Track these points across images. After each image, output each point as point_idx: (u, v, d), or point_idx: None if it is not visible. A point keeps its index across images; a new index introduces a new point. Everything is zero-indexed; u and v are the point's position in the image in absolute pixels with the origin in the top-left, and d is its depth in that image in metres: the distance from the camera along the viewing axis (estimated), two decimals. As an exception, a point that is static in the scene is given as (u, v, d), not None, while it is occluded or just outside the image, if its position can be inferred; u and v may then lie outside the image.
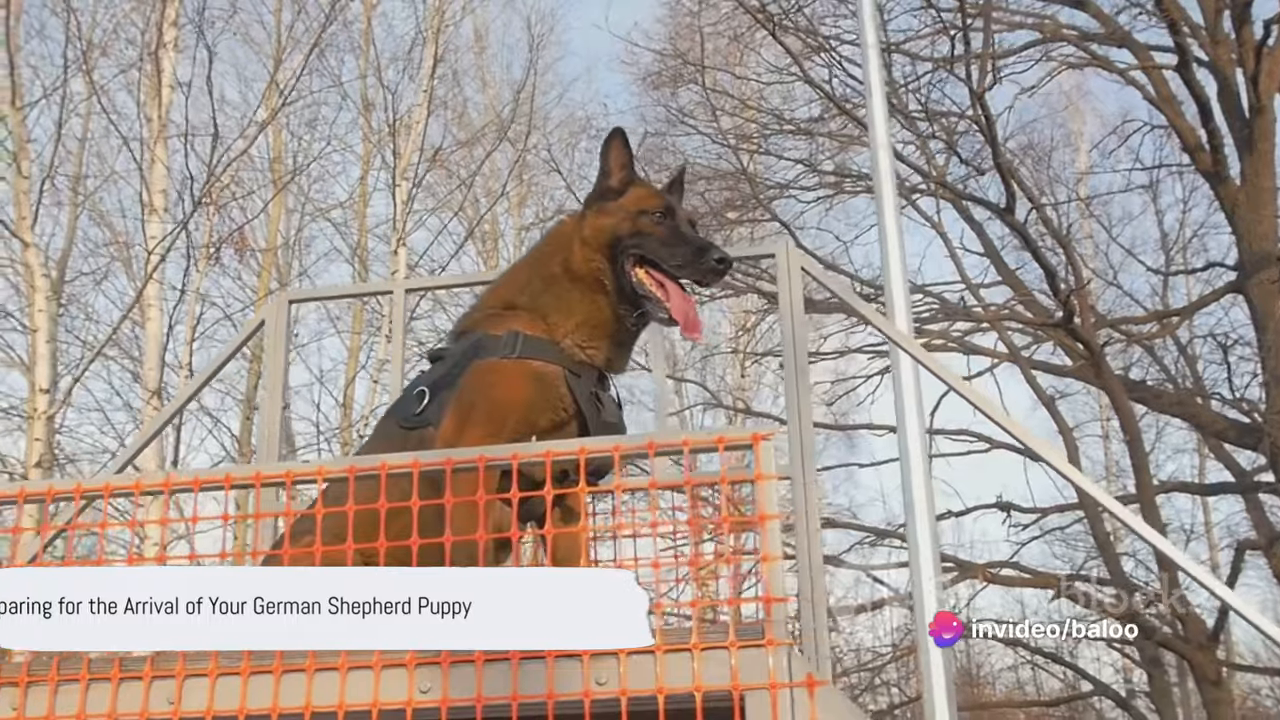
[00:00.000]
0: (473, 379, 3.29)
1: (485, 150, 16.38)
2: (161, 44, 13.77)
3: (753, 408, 21.87)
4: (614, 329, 3.39)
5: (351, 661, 2.68)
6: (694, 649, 2.58)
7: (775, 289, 7.16)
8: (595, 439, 2.82)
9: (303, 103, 16.17)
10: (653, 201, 3.45)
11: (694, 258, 3.34)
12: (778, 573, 2.61)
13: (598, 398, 3.32)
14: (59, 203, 16.82)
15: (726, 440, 2.73)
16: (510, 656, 2.61)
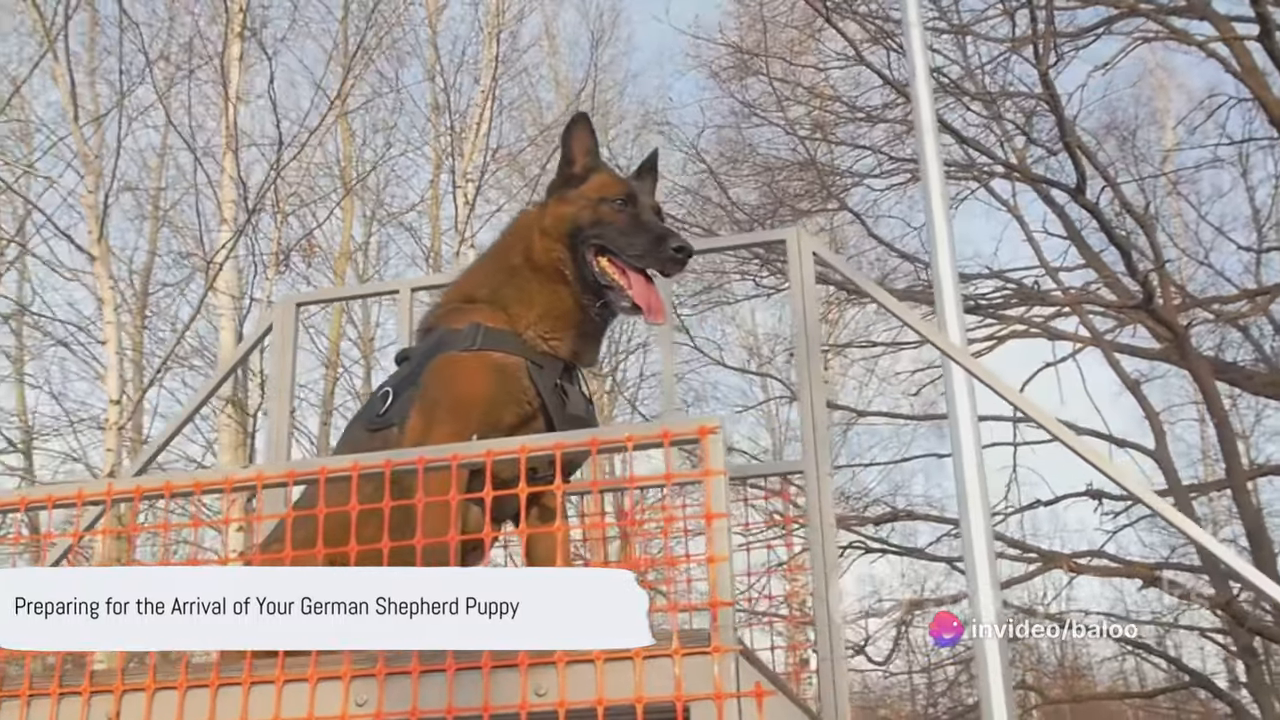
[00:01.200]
0: (433, 374, 3.19)
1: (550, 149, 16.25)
2: (228, 56, 13.92)
3: (837, 400, 21.61)
4: (577, 320, 3.25)
5: (288, 675, 2.57)
6: (635, 657, 2.42)
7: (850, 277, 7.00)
8: (536, 437, 2.67)
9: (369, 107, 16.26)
10: (614, 188, 3.32)
11: (653, 246, 3.20)
12: (725, 575, 2.44)
13: (563, 390, 3.19)
14: (142, 216, 17.18)
15: (672, 434, 2.57)
16: (447, 667, 2.48)
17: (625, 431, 2.61)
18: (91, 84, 12.95)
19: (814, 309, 4.46)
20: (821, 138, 15.81)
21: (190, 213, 16.28)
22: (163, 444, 4.86)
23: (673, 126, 18.29)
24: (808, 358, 4.41)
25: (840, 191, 15.97)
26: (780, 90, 15.71)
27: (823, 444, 4.31)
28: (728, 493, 2.52)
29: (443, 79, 16.01)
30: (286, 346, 4.81)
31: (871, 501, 16.51)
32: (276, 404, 4.73)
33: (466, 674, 2.48)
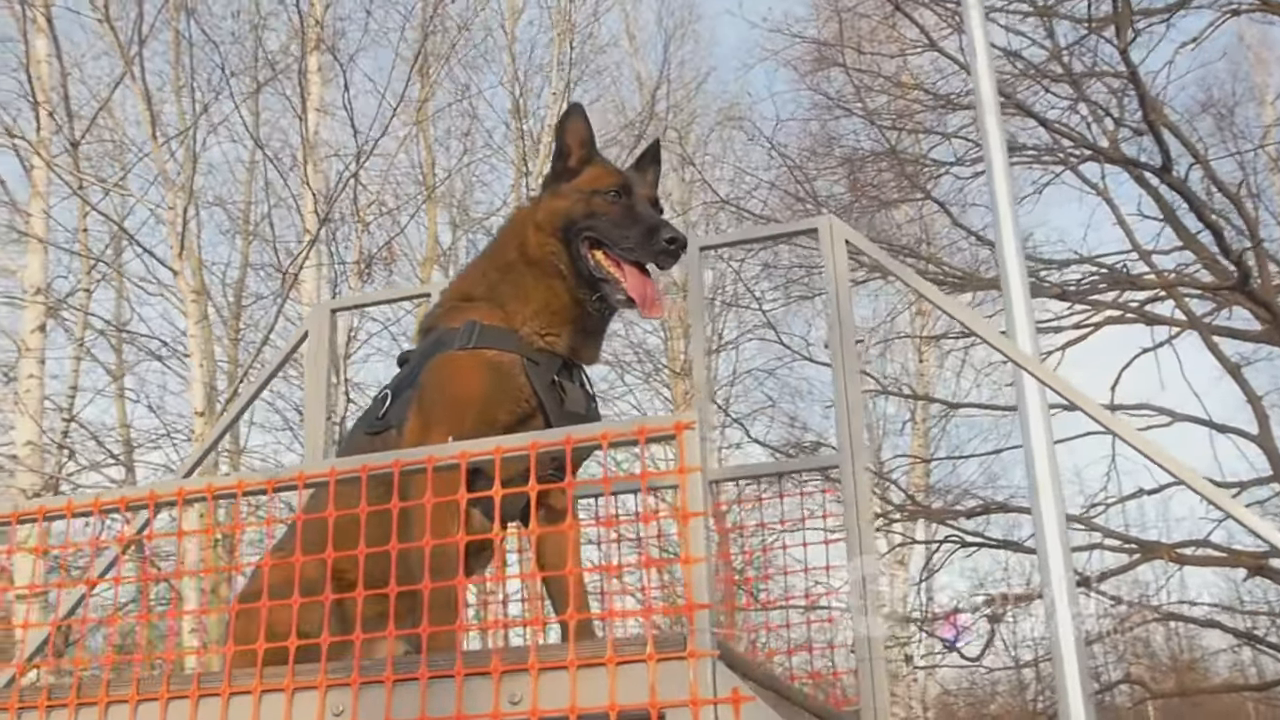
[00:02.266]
0: (430, 374, 3.14)
1: (631, 146, 16.21)
2: (305, 68, 14.12)
3: (933, 393, 21.25)
4: (574, 315, 3.18)
5: (265, 685, 2.53)
6: (608, 663, 2.33)
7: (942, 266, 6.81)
8: (513, 437, 2.58)
9: (446, 113, 16.36)
10: (607, 180, 3.24)
11: (645, 238, 3.12)
12: (700, 576, 2.34)
13: (561, 387, 3.11)
14: (234, 230, 17.49)
15: (648, 431, 2.48)
16: (420, 676, 2.42)
17: (601, 429, 2.53)
18: (177, 100, 13.15)
19: (847, 299, 4.32)
20: (902, 127, 15.53)
21: (278, 225, 16.63)
22: (207, 449, 4.89)
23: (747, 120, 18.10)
24: (842, 349, 4.27)
25: (924, 181, 15.67)
26: (859, 80, 15.48)
27: (858, 437, 4.17)
28: (706, 491, 2.42)
29: (518, 83, 16.01)
30: (322, 352, 4.80)
31: (963, 494, 16.16)
32: (313, 408, 4.72)
33: (440, 682, 2.42)
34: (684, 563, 2.36)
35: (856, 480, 4.12)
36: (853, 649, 4.03)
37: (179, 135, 12.25)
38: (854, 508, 4.09)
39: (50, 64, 12.19)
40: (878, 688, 3.91)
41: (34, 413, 12.21)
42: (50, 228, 12.64)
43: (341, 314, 5.22)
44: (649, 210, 3.20)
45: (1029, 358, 4.19)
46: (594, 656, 2.35)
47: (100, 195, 12.69)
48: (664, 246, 3.10)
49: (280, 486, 2.79)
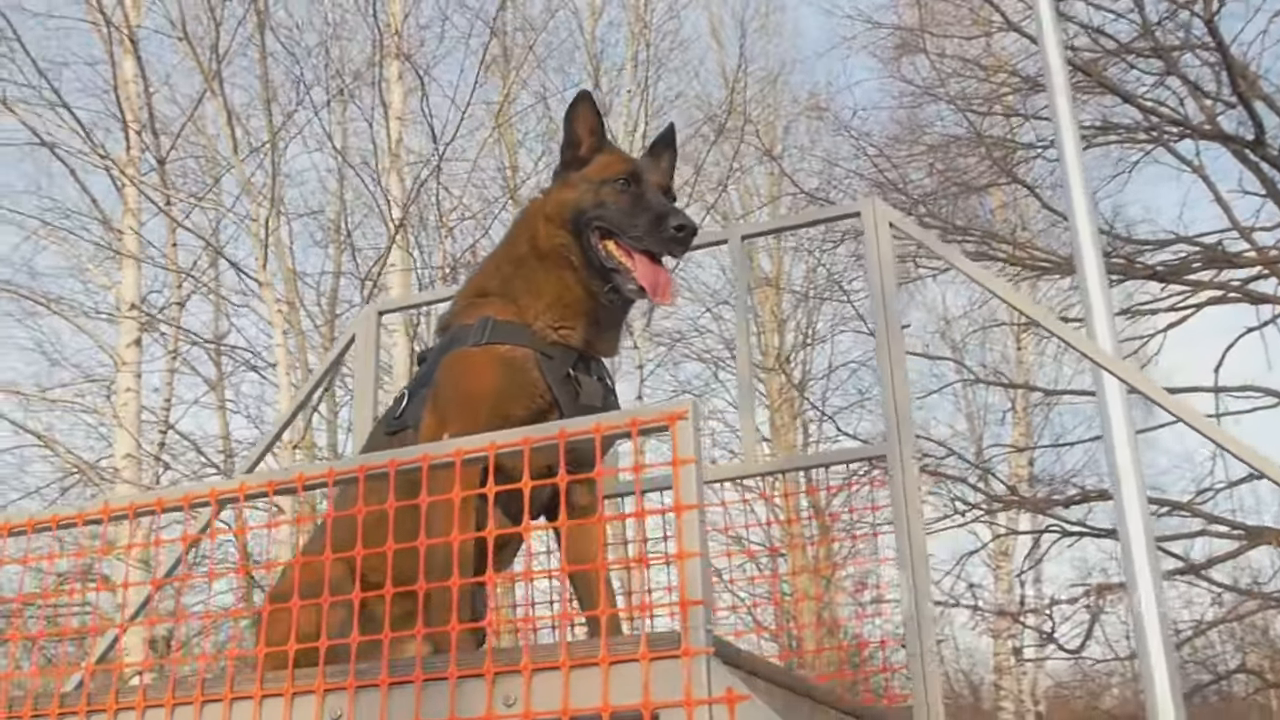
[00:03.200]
0: (444, 372, 3.10)
1: (708, 142, 16.16)
2: (384, 76, 14.26)
3: (1033, 381, 20.80)
4: (588, 307, 3.11)
5: (266, 690, 2.50)
6: (601, 663, 2.26)
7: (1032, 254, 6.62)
8: (507, 433, 2.52)
9: (528, 115, 16.40)
10: (616, 168, 3.16)
11: (653, 226, 3.03)
12: (694, 572, 2.26)
13: (577, 380, 3.04)
14: (326, 241, 17.75)
15: (640, 423, 2.40)
16: (414, 679, 2.37)
17: (593, 422, 2.46)
18: (266, 111, 13.33)
19: (892, 284, 4.20)
20: (989, 111, 15.21)
21: (369, 234, 16.83)
22: (264, 451, 4.91)
23: (828, 111, 17.88)
24: (887, 336, 4.15)
25: (1015, 164, 15.32)
26: (943, 66, 15.21)
27: (906, 427, 4.05)
28: (700, 483, 2.34)
29: (596, 82, 16.00)
30: (369, 354, 4.80)
31: (1064, 483, 15.78)
32: (361, 409, 4.72)
33: (434, 685, 2.37)
34: (679, 557, 2.28)
35: (904, 470, 4.00)
36: (903, 644, 3.92)
37: (260, 147, 12.44)
38: (902, 498, 3.97)
39: (136, 84, 12.44)
40: (930, 683, 3.79)
41: (131, 425, 12.49)
42: (144, 243, 12.92)
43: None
44: (659, 198, 3.12)
45: (1091, 345, 4.04)
46: (588, 656, 2.29)
47: (187, 211, 12.91)
48: (672, 234, 3.02)
49: (310, 484, 2.77)
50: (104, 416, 13.51)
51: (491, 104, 15.55)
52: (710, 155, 17.17)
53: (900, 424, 4.05)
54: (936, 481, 15.50)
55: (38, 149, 12.60)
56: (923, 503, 4.02)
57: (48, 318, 13.87)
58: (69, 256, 13.40)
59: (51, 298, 13.25)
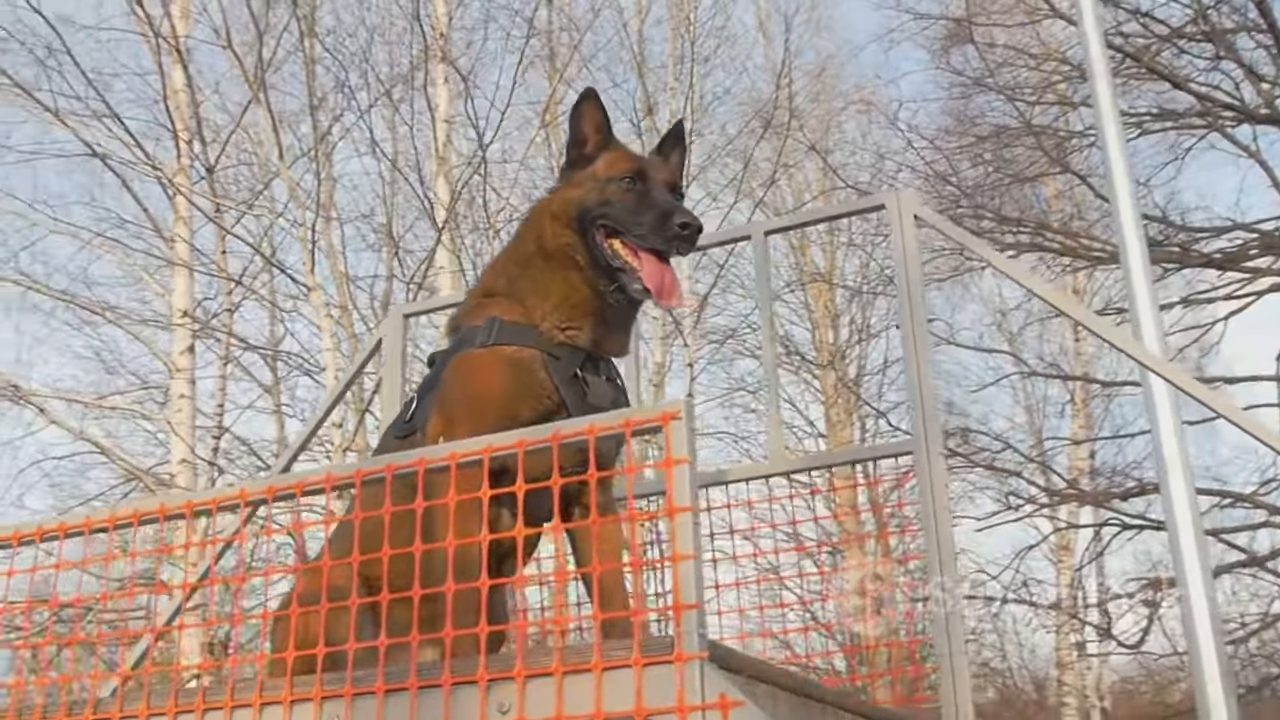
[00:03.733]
0: (451, 374, 3.09)
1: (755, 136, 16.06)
2: (429, 79, 14.31)
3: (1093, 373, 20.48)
4: (595, 307, 3.07)
5: (265, 698, 2.49)
6: (594, 669, 2.22)
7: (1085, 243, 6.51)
8: (499, 436, 2.49)
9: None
10: (621, 166, 3.13)
11: (658, 224, 3.00)
12: (689, 575, 2.22)
13: (585, 381, 3.00)
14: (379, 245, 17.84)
15: (633, 423, 2.36)
16: (409, 686, 2.35)
17: (586, 423, 2.42)
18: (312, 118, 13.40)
19: (918, 277, 4.12)
20: (1039, 100, 14.99)
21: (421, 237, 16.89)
22: (295, 452, 4.93)
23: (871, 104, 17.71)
24: (913, 330, 4.07)
25: (1067, 154, 15.08)
26: (992, 56, 15.02)
27: (932, 422, 3.97)
28: (694, 485, 2.29)
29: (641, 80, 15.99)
30: (396, 356, 4.80)
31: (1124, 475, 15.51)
32: (389, 411, 4.71)
33: (429, 692, 2.34)
34: (673, 561, 2.24)
35: (931, 466, 3.92)
36: (931, 645, 3.85)
37: (306, 154, 12.52)
38: (929, 495, 3.90)
39: (185, 94, 12.56)
40: (959, 684, 3.72)
41: (186, 431, 12.61)
42: (195, 251, 13.04)
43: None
44: (664, 195, 3.08)
45: (1123, 336, 3.93)
46: (581, 663, 2.25)
47: (236, 218, 13.02)
48: (677, 232, 2.98)
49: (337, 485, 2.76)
50: (160, 423, 13.65)
51: (535, 104, 15.57)
52: (760, 150, 17.10)
53: (927, 420, 3.97)
54: (995, 476, 15.32)
55: (90, 159, 12.74)
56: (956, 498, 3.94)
57: (104, 326, 14.03)
58: (123, 265, 13.54)
59: (107, 306, 13.40)
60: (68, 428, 12.20)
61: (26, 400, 12.30)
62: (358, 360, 4.99)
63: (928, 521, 3.88)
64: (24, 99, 12.33)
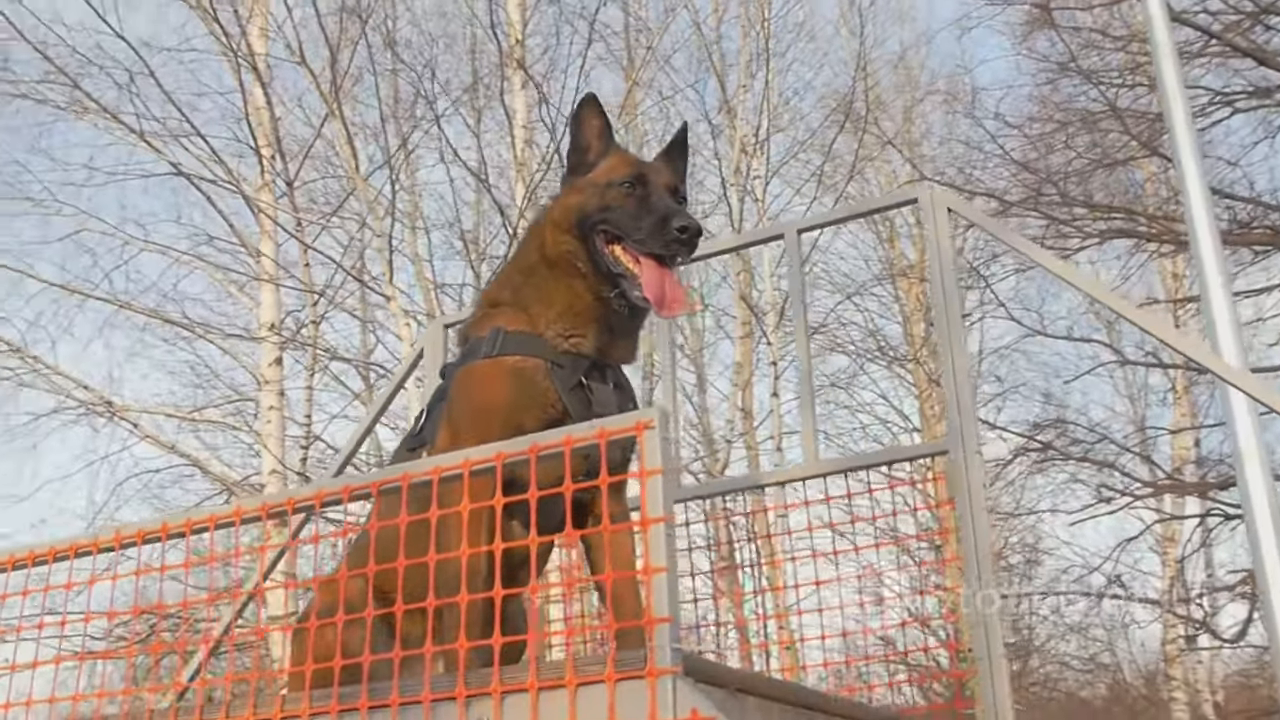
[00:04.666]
0: (457, 386, 3.08)
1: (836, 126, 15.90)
2: (507, 87, 14.39)
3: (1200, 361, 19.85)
4: (598, 314, 3.04)
5: (258, 715, 2.50)
6: (568, 685, 2.19)
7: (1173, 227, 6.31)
8: (483, 449, 2.47)
9: (653, 116, 16.39)
10: (621, 170, 3.10)
11: (656, 228, 2.94)
12: (662, 588, 2.17)
13: (590, 389, 2.97)
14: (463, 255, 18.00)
15: (607, 433, 2.32)
16: (391, 703, 2.34)
17: (564, 434, 2.39)
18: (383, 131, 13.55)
19: (951, 271, 4.02)
20: (1125, 82, 14.61)
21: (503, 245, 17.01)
22: (346, 459, 4.97)
23: (958, 95, 17.39)
24: (948, 325, 3.98)
25: (1156, 137, 14.65)
26: (1075, 39, 14.66)
27: (968, 420, 3.88)
28: (670, 494, 2.25)
29: (720, 79, 15.93)
30: (436, 367, 4.80)
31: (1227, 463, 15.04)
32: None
33: (410, 709, 2.33)
34: (644, 573, 2.20)
35: (968, 465, 3.83)
36: (969, 648, 3.75)
37: (384, 164, 12.67)
38: (966, 496, 3.81)
39: (265, 110, 12.77)
40: (998, 688, 3.62)
41: (276, 441, 12.83)
42: (280, 265, 13.26)
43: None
44: (664, 199, 3.03)
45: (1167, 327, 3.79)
46: (556, 678, 2.22)
47: (317, 231, 13.22)
48: (675, 235, 2.93)
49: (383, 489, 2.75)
50: (250, 434, 13.90)
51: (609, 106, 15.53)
52: (845, 144, 16.93)
53: (963, 417, 3.88)
54: (1088, 468, 14.97)
55: (175, 178, 13.01)
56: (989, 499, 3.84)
57: (195, 341, 14.33)
58: (212, 280, 13.83)
59: (197, 321, 13.69)
60: (160, 442, 12.47)
61: (120, 416, 12.62)
62: (400, 371, 5.01)
63: (965, 523, 3.79)
64: (110, 121, 12.67)
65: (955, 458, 3.85)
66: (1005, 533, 22.13)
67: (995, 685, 3.62)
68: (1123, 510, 14.73)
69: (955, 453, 3.85)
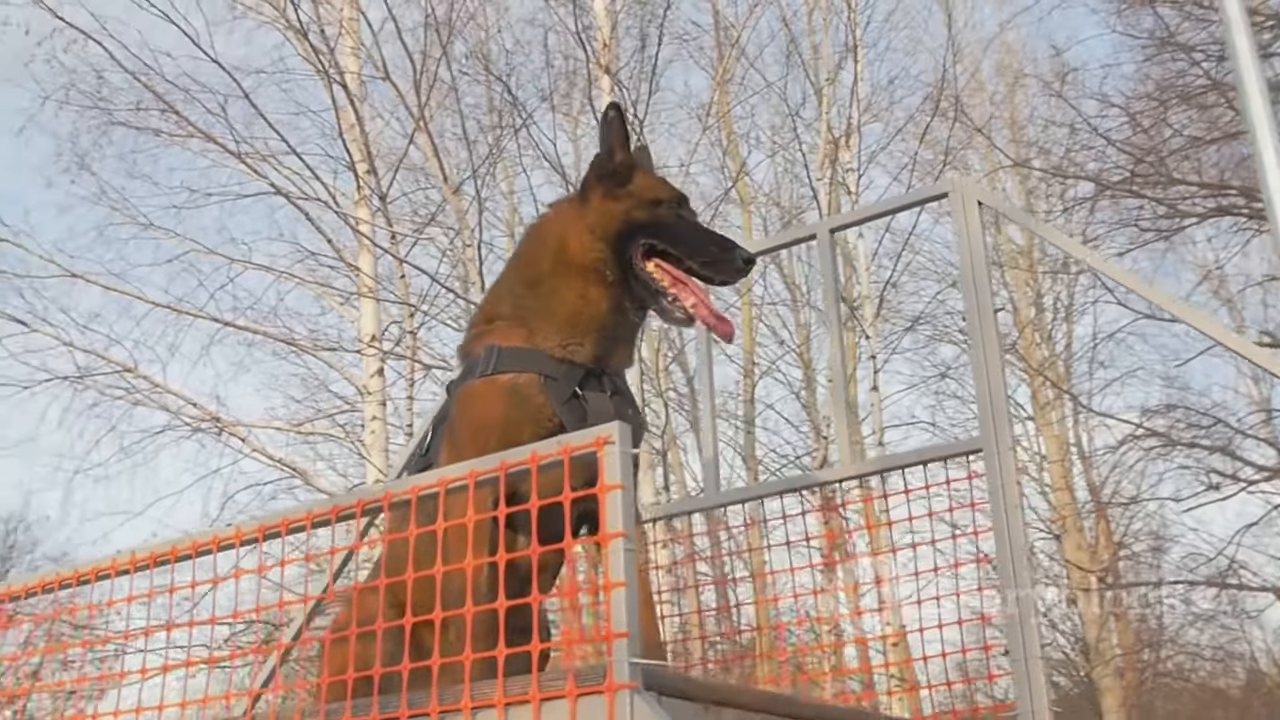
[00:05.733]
0: (456, 406, 3.12)
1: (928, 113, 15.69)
2: (595, 90, 14.49)
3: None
4: (606, 322, 3.06)
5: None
6: (532, 700, 2.22)
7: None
8: (454, 467, 2.50)
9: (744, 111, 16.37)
10: (666, 191, 3.16)
11: (722, 255, 3.03)
12: (620, 604, 2.19)
13: (583, 398, 2.99)
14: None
15: (570, 450, 2.34)
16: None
17: (529, 451, 2.41)
18: (466, 142, 13.73)
19: (983, 265, 3.95)
20: (1224, 55, 14.12)
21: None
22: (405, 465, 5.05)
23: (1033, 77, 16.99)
24: (979, 320, 3.91)
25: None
26: (1173, 14, 14.25)
27: (1002, 416, 3.80)
28: (631, 510, 2.26)
29: (808, 73, 15.83)
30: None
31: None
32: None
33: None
34: (604, 588, 2.21)
35: (1000, 461, 3.76)
36: (1006, 650, 3.69)
37: (474, 174, 12.84)
38: (1000, 494, 3.74)
39: (356, 127, 13.02)
40: (1034, 689, 3.55)
41: (379, 451, 13.08)
42: (378, 279, 13.52)
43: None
44: (703, 225, 3.13)
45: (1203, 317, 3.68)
46: (521, 694, 2.24)
47: (411, 244, 13.46)
48: (740, 265, 3.04)
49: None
50: (354, 445, 14.19)
51: (692, 106, 15.57)
52: (945, 130, 16.69)
53: (995, 413, 3.81)
54: (1196, 454, 14.54)
55: (273, 196, 13.33)
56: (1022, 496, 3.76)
57: (300, 355, 14.68)
58: (314, 295, 14.15)
59: (300, 335, 14.03)
60: (266, 455, 12.79)
61: (229, 431, 12.98)
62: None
63: (998, 522, 3.72)
64: (210, 145, 13.04)
65: (989, 456, 3.78)
66: (1127, 520, 21.62)
67: (1032, 687, 3.55)
68: (1241, 494, 14.26)
69: (989, 451, 3.79)
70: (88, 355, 12.84)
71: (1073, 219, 16.66)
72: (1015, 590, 3.65)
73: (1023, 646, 3.60)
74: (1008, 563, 3.69)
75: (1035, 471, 21.19)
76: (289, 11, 12.60)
